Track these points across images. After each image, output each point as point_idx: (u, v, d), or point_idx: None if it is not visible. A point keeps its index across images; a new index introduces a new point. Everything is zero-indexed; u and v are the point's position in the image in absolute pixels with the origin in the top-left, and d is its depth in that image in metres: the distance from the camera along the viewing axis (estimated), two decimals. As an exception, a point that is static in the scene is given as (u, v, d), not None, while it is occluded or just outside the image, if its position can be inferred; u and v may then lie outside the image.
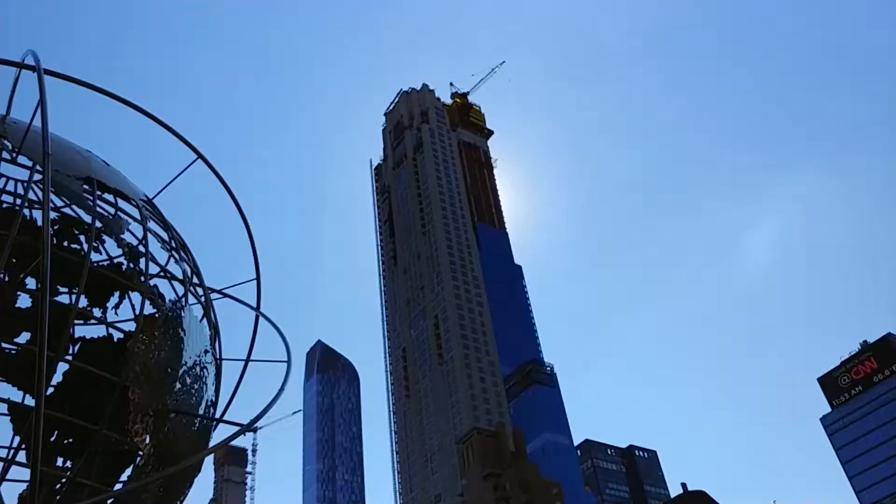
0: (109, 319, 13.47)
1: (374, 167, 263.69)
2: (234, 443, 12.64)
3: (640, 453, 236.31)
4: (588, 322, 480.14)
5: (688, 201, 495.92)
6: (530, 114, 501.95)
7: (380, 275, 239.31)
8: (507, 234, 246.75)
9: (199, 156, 13.76)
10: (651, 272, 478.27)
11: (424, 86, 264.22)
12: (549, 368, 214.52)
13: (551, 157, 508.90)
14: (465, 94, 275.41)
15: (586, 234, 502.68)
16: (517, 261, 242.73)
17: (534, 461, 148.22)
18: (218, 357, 13.56)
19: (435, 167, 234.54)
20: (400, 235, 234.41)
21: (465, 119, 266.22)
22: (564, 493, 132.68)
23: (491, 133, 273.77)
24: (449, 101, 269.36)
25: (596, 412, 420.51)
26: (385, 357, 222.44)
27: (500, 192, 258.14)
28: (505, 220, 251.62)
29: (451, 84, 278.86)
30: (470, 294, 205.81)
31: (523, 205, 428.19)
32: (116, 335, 13.13)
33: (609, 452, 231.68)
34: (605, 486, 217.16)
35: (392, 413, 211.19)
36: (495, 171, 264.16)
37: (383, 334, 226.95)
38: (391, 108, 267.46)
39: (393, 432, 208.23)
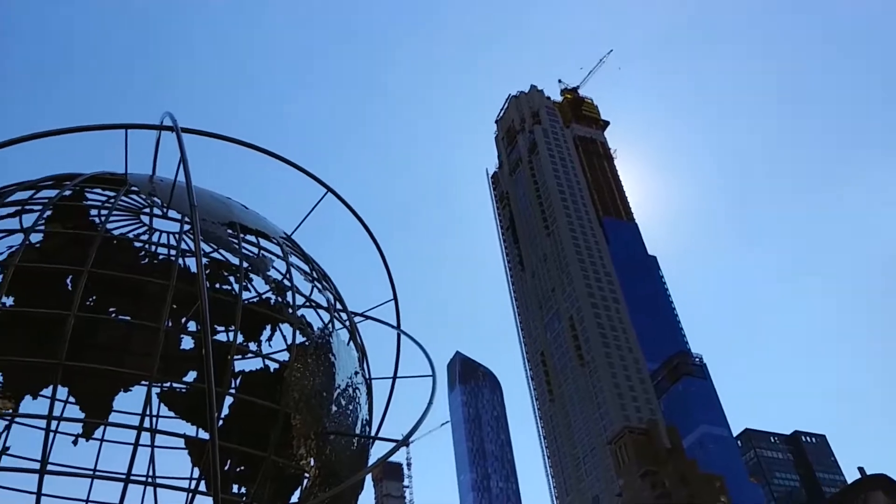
0: (265, 352, 14.31)
1: (490, 176, 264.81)
2: (390, 458, 13.06)
3: (808, 439, 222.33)
4: (737, 307, 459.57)
5: (829, 171, 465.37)
6: (645, 98, 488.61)
7: (508, 281, 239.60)
8: (636, 225, 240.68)
9: (330, 190, 14.44)
10: (803, 247, 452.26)
11: (532, 87, 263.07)
12: (697, 359, 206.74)
13: (674, 140, 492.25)
14: (575, 89, 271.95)
15: (723, 216, 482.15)
16: (650, 251, 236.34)
17: (691, 455, 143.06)
18: (367, 377, 14.08)
19: (552, 166, 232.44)
20: (524, 240, 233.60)
21: (578, 113, 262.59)
22: (727, 486, 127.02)
23: (606, 124, 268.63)
24: (559, 98, 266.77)
25: (754, 400, 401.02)
26: (524, 363, 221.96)
27: (623, 183, 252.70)
28: (632, 210, 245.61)
29: (560, 81, 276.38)
30: (604, 291, 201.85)
31: (651, 193, 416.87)
32: (272, 366, 13.94)
33: (773, 440, 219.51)
34: (772, 475, 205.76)
35: (538, 418, 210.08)
36: (616, 162, 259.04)
37: (519, 340, 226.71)
38: (501, 114, 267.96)
39: (541, 437, 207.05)
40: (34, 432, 13.25)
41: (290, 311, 12.56)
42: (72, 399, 14.68)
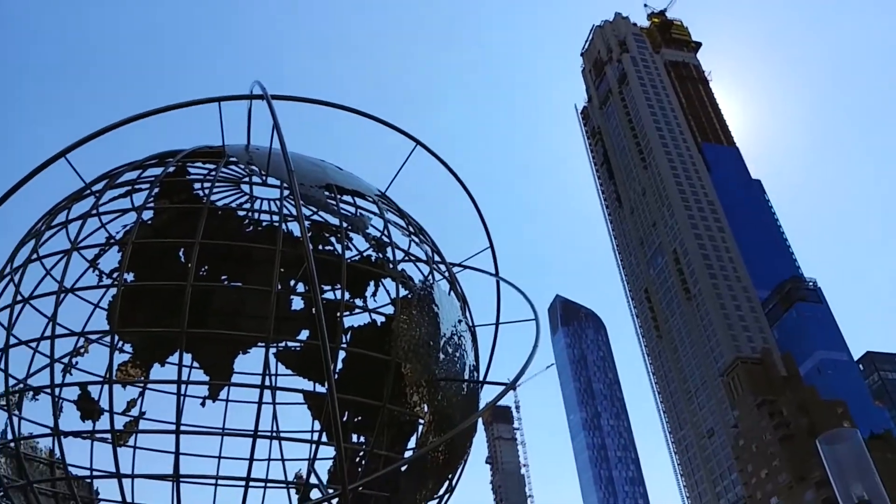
0: (370, 307, 14.76)
1: (579, 111, 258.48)
2: (498, 402, 13.28)
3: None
4: (851, 226, 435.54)
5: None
6: (738, 14, 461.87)
7: (605, 219, 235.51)
8: (737, 148, 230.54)
9: (418, 143, 14.50)
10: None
11: (617, 14, 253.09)
12: (811, 283, 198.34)
13: (772, 56, 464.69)
14: (662, 12, 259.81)
15: (830, 131, 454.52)
16: (755, 175, 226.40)
17: (809, 382, 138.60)
18: (471, 325, 14.27)
19: (644, 95, 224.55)
20: (620, 175, 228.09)
21: (668, 37, 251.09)
22: (850, 411, 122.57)
23: (698, 45, 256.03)
24: (646, 23, 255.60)
25: (875, 322, 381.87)
26: (627, 301, 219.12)
27: (721, 106, 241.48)
28: (732, 134, 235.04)
29: (646, 5, 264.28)
30: (707, 220, 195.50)
31: (751, 114, 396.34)
32: (379, 319, 14.37)
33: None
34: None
35: (646, 355, 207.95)
36: (711, 85, 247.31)
37: (621, 279, 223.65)
38: (586, 46, 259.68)
39: (650, 374, 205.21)
40: (165, 397, 14.25)
41: (391, 266, 12.83)
42: (196, 364, 15.63)
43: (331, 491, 13.09)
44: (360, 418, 14.87)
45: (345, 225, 12.80)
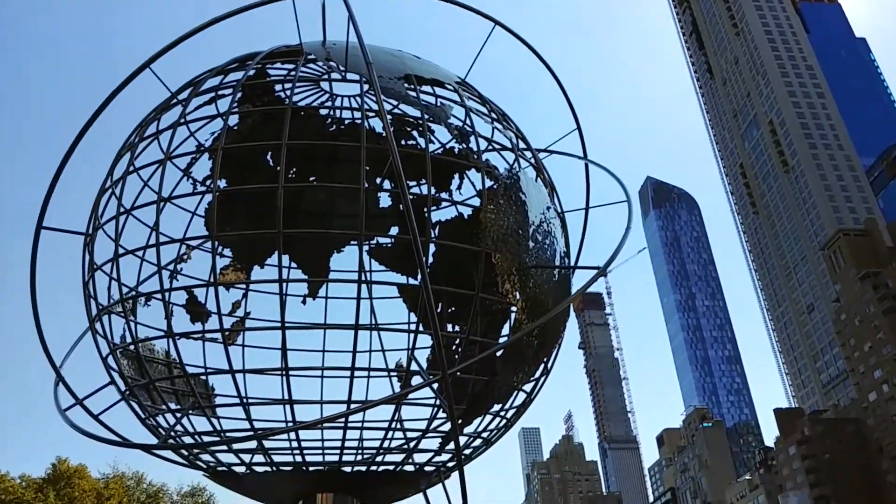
0: (456, 199, 14.72)
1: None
2: (589, 289, 13.19)
3: None
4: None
5: None
6: None
7: (696, 93, 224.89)
8: (839, 5, 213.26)
9: (497, 23, 13.99)
10: None
11: None
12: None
13: None
14: None
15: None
16: (859, 34, 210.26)
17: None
18: (560, 211, 14.09)
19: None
20: (710, 44, 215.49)
21: None
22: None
23: None
24: None
25: None
26: (721, 178, 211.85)
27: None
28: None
29: None
30: (806, 86, 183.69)
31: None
32: (466, 212, 14.39)
33: None
34: None
35: (741, 233, 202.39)
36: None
37: (714, 155, 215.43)
38: None
39: (746, 251, 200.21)
40: (267, 297, 14.86)
41: (475, 156, 12.64)
42: (293, 265, 16.16)
43: (431, 377, 13.51)
44: (453, 308, 15.19)
45: (426, 117, 12.63)
